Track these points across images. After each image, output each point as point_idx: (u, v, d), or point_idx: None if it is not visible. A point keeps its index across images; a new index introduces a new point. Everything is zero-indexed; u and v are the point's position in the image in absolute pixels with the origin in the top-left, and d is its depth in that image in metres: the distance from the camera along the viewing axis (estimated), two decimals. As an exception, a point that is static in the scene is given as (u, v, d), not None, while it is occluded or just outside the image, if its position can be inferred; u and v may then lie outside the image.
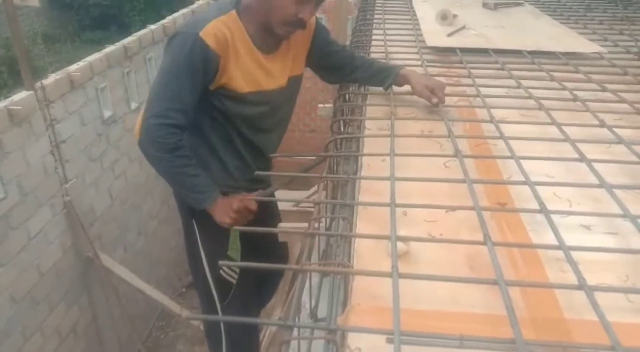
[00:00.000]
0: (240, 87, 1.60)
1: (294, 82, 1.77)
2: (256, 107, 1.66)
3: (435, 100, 1.54)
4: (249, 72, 1.61)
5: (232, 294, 1.88)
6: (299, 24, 1.54)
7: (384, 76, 1.71)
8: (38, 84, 3.00)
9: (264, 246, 2.00)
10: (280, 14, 1.50)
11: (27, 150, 2.90)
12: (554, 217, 0.96)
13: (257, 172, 1.51)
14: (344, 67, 1.80)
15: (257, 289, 2.16)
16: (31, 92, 2.93)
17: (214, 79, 1.56)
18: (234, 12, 1.56)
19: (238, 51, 1.56)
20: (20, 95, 2.88)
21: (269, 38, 1.61)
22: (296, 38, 1.69)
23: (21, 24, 3.40)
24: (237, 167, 1.76)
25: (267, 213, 2.03)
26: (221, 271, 1.84)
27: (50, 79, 3.14)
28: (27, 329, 2.95)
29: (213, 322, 2.05)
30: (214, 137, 1.71)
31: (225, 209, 1.63)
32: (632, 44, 2.32)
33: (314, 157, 1.56)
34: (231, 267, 1.84)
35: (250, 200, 1.67)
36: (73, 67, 3.39)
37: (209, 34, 1.49)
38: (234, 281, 1.86)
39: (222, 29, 1.52)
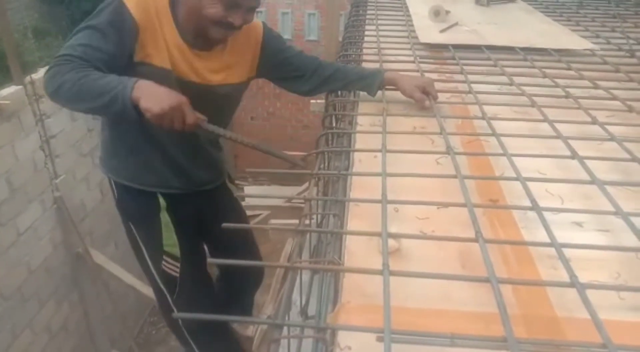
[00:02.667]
0: (164, 62, 1.50)
1: (232, 89, 1.68)
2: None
3: (427, 103, 1.52)
4: (172, 54, 1.52)
5: (178, 288, 1.87)
6: (232, 26, 1.48)
7: (366, 83, 1.62)
8: (27, 79, 2.98)
9: (219, 239, 1.97)
10: (210, 15, 1.44)
11: (17, 146, 2.88)
12: (545, 214, 0.95)
13: (249, 170, 1.47)
14: (307, 72, 1.71)
15: (225, 284, 2.15)
16: (20, 86, 2.91)
17: (134, 46, 1.46)
18: None
19: (162, 30, 1.49)
20: (9, 89, 2.86)
21: (200, 38, 1.55)
22: (237, 47, 1.63)
23: (11, 18, 3.36)
24: (165, 164, 1.69)
25: (225, 204, 1.98)
26: (162, 265, 1.82)
27: (40, 73, 3.11)
28: (17, 326, 2.93)
29: (170, 319, 2.04)
30: (137, 135, 1.62)
31: (154, 94, 1.31)
32: (624, 41, 2.32)
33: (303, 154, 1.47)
34: (169, 261, 1.82)
35: (198, 115, 1.40)
36: (63, 61, 3.36)
37: (131, 0, 1.44)
38: (177, 274, 1.84)
39: (148, 1, 1.47)
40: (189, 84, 1.56)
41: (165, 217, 1.76)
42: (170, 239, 1.78)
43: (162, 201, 1.75)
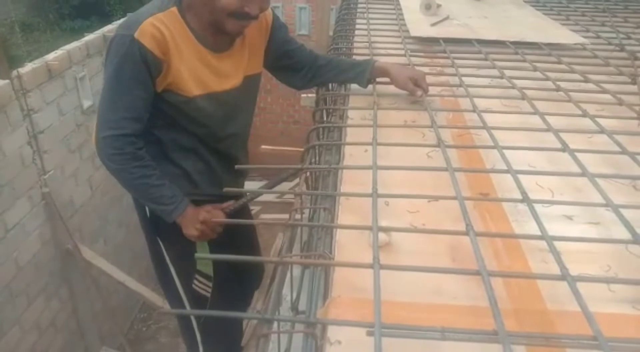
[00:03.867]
0: (188, 90, 1.49)
1: (251, 81, 1.66)
2: (209, 112, 1.56)
3: (419, 92, 1.51)
4: (196, 74, 1.50)
5: (210, 306, 1.81)
6: (248, 16, 1.44)
7: (357, 72, 1.61)
8: (14, 73, 2.93)
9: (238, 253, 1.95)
10: (225, 6, 1.39)
11: (3, 141, 2.84)
12: (536, 206, 0.95)
13: (238, 166, 1.45)
14: (304, 68, 1.71)
15: (236, 299, 2.10)
16: (7, 81, 2.86)
17: (157, 80, 1.45)
18: (174, 9, 1.44)
19: (181, 51, 1.45)
20: (-5, 84, 2.82)
21: (219, 37, 1.51)
22: (252, 35, 1.59)
23: (-4, 11, 3.32)
24: (201, 173, 1.67)
25: (241, 225, 1.95)
26: (194, 285, 1.77)
27: (27, 67, 3.07)
28: (5, 323, 2.90)
29: (186, 328, 1.97)
30: (172, 145, 1.60)
31: (192, 221, 1.56)
32: (614, 35, 2.33)
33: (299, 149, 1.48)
34: (201, 280, 1.77)
35: (218, 210, 1.60)
36: (51, 55, 3.32)
37: (145, 34, 1.38)
38: (208, 294, 1.79)
39: (160, 28, 1.40)
40: (219, 94, 1.56)
41: None
42: (203, 259, 1.74)
43: None
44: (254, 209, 6.15)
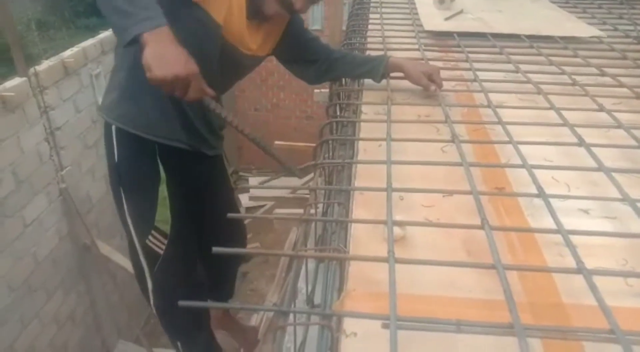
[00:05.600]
0: (219, 14, 1.41)
1: (254, 60, 1.65)
2: (217, 52, 1.50)
3: (433, 87, 1.51)
4: (231, 13, 1.44)
5: (159, 264, 1.77)
6: (290, 8, 1.44)
7: (371, 66, 1.61)
8: (31, 71, 2.98)
9: (212, 221, 1.91)
10: None
11: (22, 138, 2.88)
12: (552, 201, 0.94)
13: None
14: (319, 60, 1.70)
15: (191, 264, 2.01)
16: (24, 78, 2.91)
17: None
18: None
19: None
20: (13, 81, 2.86)
21: (252, 7, 1.49)
22: (275, 21, 1.59)
23: (14, 10, 3.36)
24: (176, 110, 1.57)
25: (220, 180, 1.92)
26: (147, 240, 1.72)
27: (44, 65, 3.12)
28: (25, 317, 2.95)
29: (147, 298, 1.93)
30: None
31: (168, 60, 1.16)
32: (631, 27, 2.30)
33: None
34: (156, 236, 1.71)
35: (207, 91, 1.30)
36: (67, 53, 3.36)
37: None
38: (161, 252, 1.74)
39: None
40: (229, 46, 1.51)
41: (163, 192, 1.68)
42: (163, 215, 1.69)
43: (162, 173, 1.66)
44: (267, 204, 6.19)
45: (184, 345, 2.03)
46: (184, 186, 1.75)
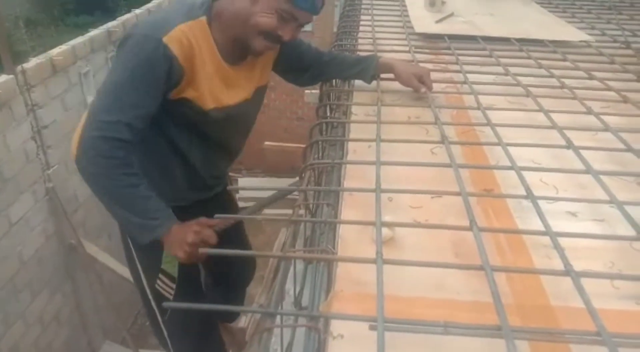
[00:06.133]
0: (205, 103, 1.42)
1: (260, 92, 1.62)
2: (220, 124, 1.50)
3: (423, 89, 1.51)
4: (213, 87, 1.43)
5: (171, 311, 1.75)
6: (279, 40, 1.39)
7: (361, 68, 1.59)
8: (19, 68, 2.94)
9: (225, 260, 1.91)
10: (261, 25, 1.33)
11: (8, 136, 2.85)
12: (540, 203, 0.95)
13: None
14: (312, 67, 1.68)
15: (219, 287, 2.06)
16: (11, 76, 2.87)
17: (173, 89, 1.36)
18: (203, 18, 1.36)
19: (204, 63, 1.37)
20: (0, 79, 2.82)
21: (237, 50, 1.44)
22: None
23: (2, 7, 3.32)
24: (185, 176, 1.58)
25: (219, 209, 1.90)
26: (156, 285, 1.69)
27: (32, 63, 3.08)
28: (9, 317, 2.92)
29: (153, 323, 1.88)
30: (164, 144, 1.51)
31: (179, 241, 1.38)
32: (619, 32, 2.32)
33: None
34: (164, 281, 1.68)
35: (210, 232, 1.42)
36: (55, 51, 3.33)
37: (174, 40, 1.28)
38: (171, 297, 1.70)
39: (189, 36, 1.31)
40: (229, 108, 1.49)
41: None
42: (169, 257, 1.64)
43: None
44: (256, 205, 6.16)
45: None
46: None
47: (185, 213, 1.60)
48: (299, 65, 1.70)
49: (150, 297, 1.74)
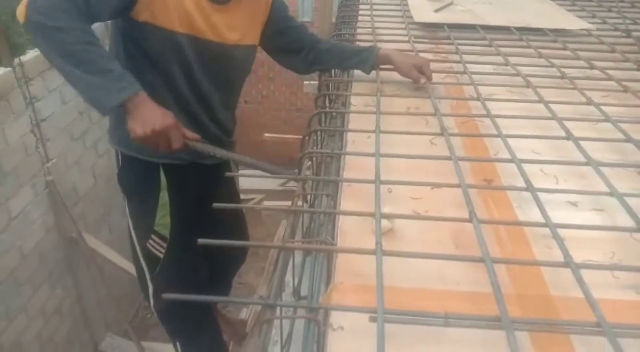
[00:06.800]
0: (170, 22, 1.35)
1: (246, 51, 1.60)
2: (192, 57, 1.46)
3: (423, 80, 1.50)
4: (184, 9, 1.37)
5: (159, 268, 1.77)
6: None
7: (360, 59, 1.59)
8: (16, 61, 2.93)
9: (215, 225, 1.93)
10: None
11: (6, 129, 2.84)
12: (540, 194, 0.94)
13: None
14: (304, 48, 1.67)
15: (208, 268, 2.03)
16: (9, 69, 2.86)
17: (138, 4, 1.31)
18: None
19: None
20: (-2, 71, 2.81)
21: None
22: (251, 5, 1.55)
23: (-2, -1, 3.31)
24: (183, 116, 1.52)
25: (218, 183, 1.86)
26: (148, 244, 1.73)
27: (29, 55, 3.07)
28: (11, 310, 2.92)
29: (148, 298, 1.92)
30: (156, 84, 1.46)
31: (145, 119, 1.25)
32: (620, 21, 2.30)
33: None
34: (156, 240, 1.72)
35: (189, 136, 1.36)
36: (53, 43, 3.31)
37: None
38: (161, 256, 1.74)
39: None
40: (205, 42, 1.46)
41: (164, 198, 1.68)
42: (163, 220, 1.70)
43: (163, 179, 1.65)
44: (256, 197, 6.16)
45: (183, 346, 2.03)
46: (186, 193, 1.73)
47: (183, 181, 1.66)
48: (288, 43, 1.69)
49: (140, 256, 1.79)
